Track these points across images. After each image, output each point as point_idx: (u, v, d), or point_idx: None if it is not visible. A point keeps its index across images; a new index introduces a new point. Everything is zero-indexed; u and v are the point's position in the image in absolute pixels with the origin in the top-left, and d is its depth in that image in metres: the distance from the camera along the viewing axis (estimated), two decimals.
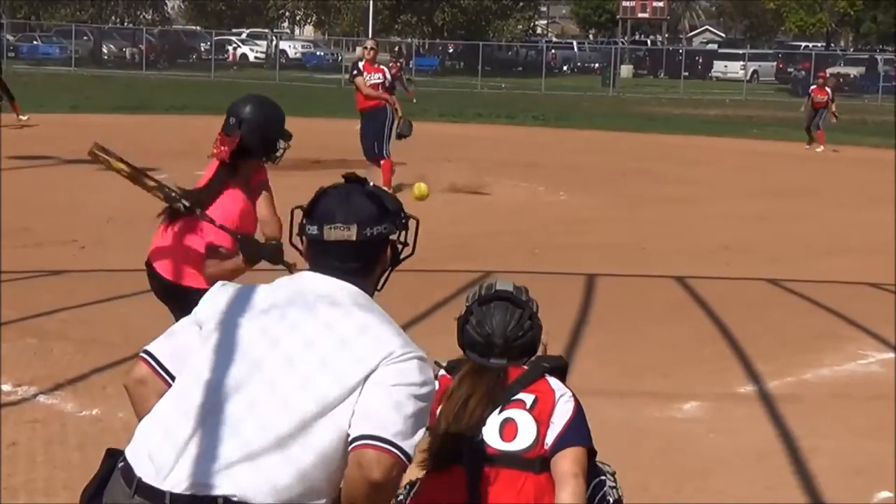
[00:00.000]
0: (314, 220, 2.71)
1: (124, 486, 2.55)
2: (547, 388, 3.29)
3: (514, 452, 3.20)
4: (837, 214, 14.36)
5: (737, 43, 73.51)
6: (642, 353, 7.27)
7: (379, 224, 2.71)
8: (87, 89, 34.34)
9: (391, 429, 2.48)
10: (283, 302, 2.63)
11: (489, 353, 3.38)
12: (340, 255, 2.68)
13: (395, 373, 2.53)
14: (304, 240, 2.75)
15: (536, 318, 3.44)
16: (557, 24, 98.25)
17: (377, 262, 2.75)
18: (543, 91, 45.14)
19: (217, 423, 2.51)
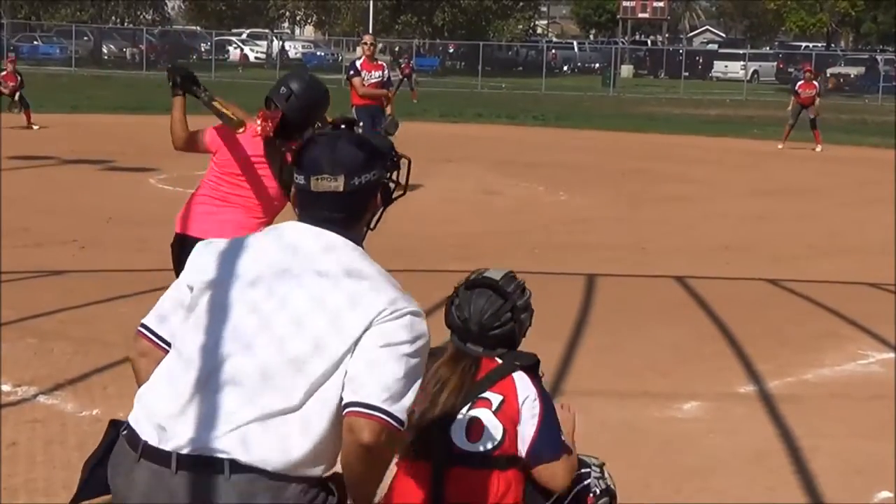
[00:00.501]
0: (302, 169, 2.66)
1: (129, 450, 2.55)
2: (513, 390, 3.31)
3: (479, 453, 3.25)
4: (837, 214, 14.37)
5: (737, 43, 73.53)
6: (642, 353, 7.26)
7: (368, 171, 2.65)
8: (88, 89, 34.36)
9: (380, 394, 2.48)
10: (270, 273, 2.59)
11: (466, 338, 3.41)
12: (328, 204, 2.63)
13: (383, 334, 2.52)
14: (293, 188, 2.70)
15: (521, 311, 3.44)
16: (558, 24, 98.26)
17: (366, 209, 2.70)
18: (544, 91, 45.16)
19: (222, 382, 2.51)
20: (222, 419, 2.48)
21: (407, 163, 2.80)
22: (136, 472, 2.54)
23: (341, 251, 2.62)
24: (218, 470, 2.45)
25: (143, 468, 2.52)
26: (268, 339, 2.52)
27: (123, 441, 2.59)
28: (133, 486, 2.55)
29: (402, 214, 2.85)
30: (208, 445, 2.46)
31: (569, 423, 3.50)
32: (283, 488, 2.47)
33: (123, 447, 2.59)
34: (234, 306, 2.57)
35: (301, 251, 2.62)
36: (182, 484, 2.47)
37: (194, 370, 2.53)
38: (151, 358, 2.67)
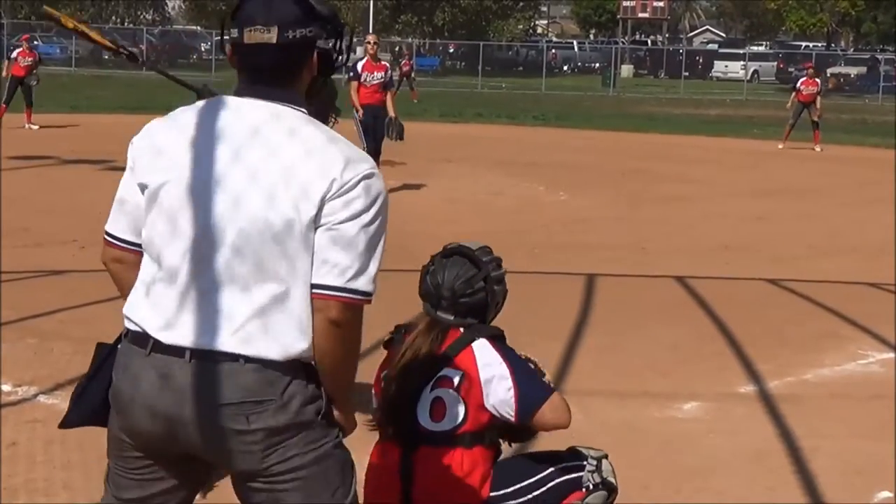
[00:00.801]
0: (236, 23, 2.60)
1: (137, 349, 2.58)
2: (472, 362, 3.36)
3: (444, 431, 3.33)
4: (837, 214, 14.36)
5: (737, 43, 73.54)
6: (642, 353, 7.26)
7: (303, 27, 2.58)
8: (88, 89, 34.35)
9: (342, 273, 2.52)
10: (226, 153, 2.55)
11: (437, 306, 3.46)
12: (262, 59, 2.59)
13: (336, 210, 2.51)
14: (229, 45, 2.65)
15: (494, 283, 3.49)
16: (558, 23, 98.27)
17: (302, 67, 2.62)
18: (544, 91, 45.16)
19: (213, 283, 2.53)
20: (224, 320, 2.52)
21: (349, 31, 2.73)
22: (145, 364, 2.56)
23: (288, 119, 2.58)
24: (231, 360, 2.51)
25: (153, 360, 2.55)
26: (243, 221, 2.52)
27: (128, 343, 2.62)
28: (140, 377, 2.57)
29: (402, 214, 2.85)
30: (217, 344, 2.51)
31: None
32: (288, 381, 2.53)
33: (129, 348, 2.61)
34: (200, 196, 2.55)
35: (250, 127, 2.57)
36: (193, 371, 2.51)
37: (183, 272, 2.55)
38: (127, 263, 2.71)
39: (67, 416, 2.79)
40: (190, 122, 2.63)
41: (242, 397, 2.50)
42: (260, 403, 2.50)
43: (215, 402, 2.50)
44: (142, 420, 2.58)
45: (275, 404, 2.51)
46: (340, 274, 2.51)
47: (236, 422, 2.50)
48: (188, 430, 2.53)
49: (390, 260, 3.66)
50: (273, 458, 2.52)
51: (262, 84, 2.60)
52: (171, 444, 2.58)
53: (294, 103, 2.61)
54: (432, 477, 3.33)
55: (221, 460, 2.58)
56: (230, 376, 2.50)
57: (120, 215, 2.70)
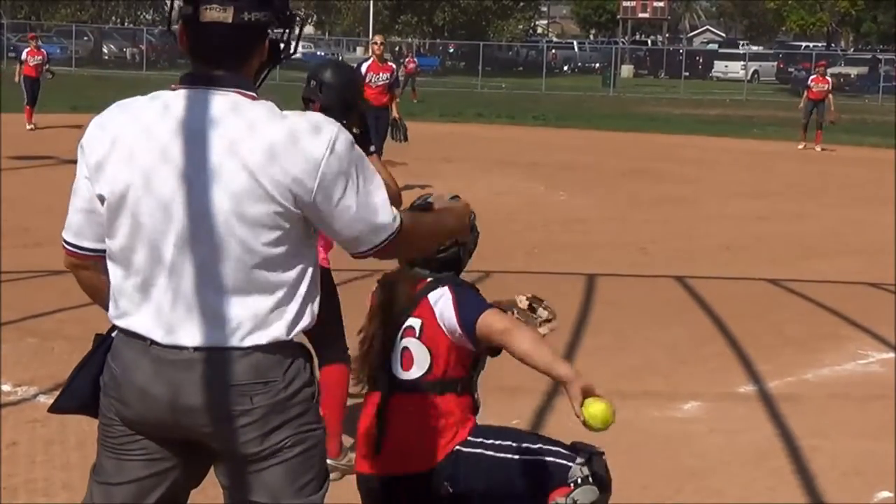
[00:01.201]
0: (191, 1, 2.59)
1: (137, 342, 2.59)
2: (428, 306, 3.48)
3: (412, 380, 3.47)
4: (837, 214, 14.36)
5: (737, 43, 73.52)
6: (642, 353, 7.27)
7: (258, 10, 2.57)
8: (88, 89, 34.34)
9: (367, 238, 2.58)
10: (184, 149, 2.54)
11: (413, 263, 3.59)
12: (215, 39, 2.57)
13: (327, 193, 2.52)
14: (181, 24, 2.63)
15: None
16: (558, 23, 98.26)
17: (254, 51, 2.62)
18: (544, 91, 45.16)
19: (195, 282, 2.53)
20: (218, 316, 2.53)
21: (301, 21, 2.74)
22: (146, 354, 2.58)
23: (246, 110, 2.55)
24: (233, 348, 2.54)
25: (154, 350, 2.56)
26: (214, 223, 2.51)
27: (126, 337, 2.62)
28: (139, 365, 2.58)
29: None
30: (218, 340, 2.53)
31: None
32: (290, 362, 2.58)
33: (127, 340, 2.62)
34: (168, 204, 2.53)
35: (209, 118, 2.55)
36: (197, 358, 2.53)
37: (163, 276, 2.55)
38: (87, 268, 2.77)
39: (57, 401, 2.80)
40: (144, 114, 2.63)
41: (247, 379, 2.53)
42: (264, 384, 2.55)
43: (222, 386, 2.53)
44: (142, 407, 2.58)
45: (278, 384, 2.56)
46: (363, 241, 2.58)
47: (241, 402, 2.54)
48: (193, 416, 2.55)
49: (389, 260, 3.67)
50: (272, 438, 2.56)
51: (212, 66, 2.58)
52: (173, 429, 2.59)
53: (245, 88, 2.60)
54: (404, 421, 3.45)
55: (223, 442, 2.59)
56: (234, 361, 2.54)
57: (80, 224, 2.72)
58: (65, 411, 2.82)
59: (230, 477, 2.64)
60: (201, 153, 2.52)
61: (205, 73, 2.59)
